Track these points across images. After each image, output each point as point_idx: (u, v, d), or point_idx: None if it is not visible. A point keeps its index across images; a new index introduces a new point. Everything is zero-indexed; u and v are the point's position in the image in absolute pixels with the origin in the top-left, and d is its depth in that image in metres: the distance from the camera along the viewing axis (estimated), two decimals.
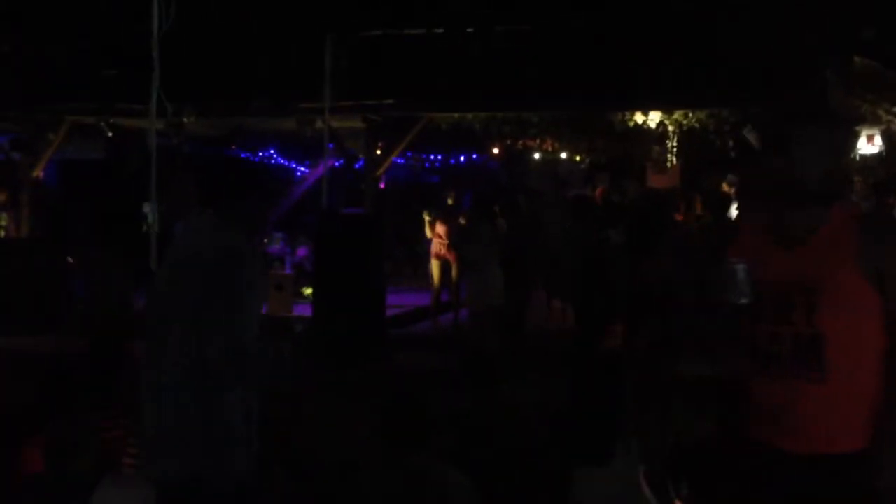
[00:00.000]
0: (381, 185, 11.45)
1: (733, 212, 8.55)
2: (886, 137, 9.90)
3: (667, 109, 10.67)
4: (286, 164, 15.54)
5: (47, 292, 10.26)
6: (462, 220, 10.30)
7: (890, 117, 9.51)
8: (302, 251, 12.30)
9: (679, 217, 9.00)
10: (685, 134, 11.38)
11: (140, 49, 9.17)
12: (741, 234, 2.39)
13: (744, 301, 2.16)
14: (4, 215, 11.00)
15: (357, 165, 12.96)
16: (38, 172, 10.98)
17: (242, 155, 13.65)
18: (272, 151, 14.79)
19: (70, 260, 10.79)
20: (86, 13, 9.61)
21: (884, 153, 10.02)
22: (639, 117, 10.97)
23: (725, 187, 10.02)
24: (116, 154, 12.20)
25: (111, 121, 10.56)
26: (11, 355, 8.60)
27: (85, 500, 2.69)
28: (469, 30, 9.65)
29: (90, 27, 9.92)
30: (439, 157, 15.57)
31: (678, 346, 4.97)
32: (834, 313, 2.14)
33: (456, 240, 9.85)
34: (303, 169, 15.65)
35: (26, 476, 3.27)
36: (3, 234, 11.00)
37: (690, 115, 10.92)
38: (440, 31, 9.59)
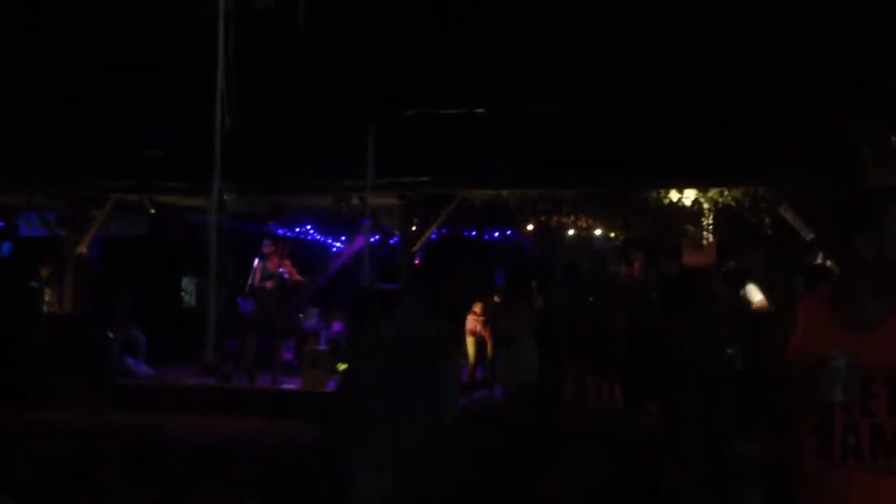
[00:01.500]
0: (416, 262, 11.52)
1: (749, 288, 8.45)
2: None
3: (702, 187, 10.69)
4: (322, 239, 15.75)
5: (88, 366, 10.40)
6: (496, 298, 10.30)
7: None
8: (337, 326, 12.34)
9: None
10: (721, 211, 11.35)
11: (180, 128, 9.47)
12: (804, 316, 2.29)
13: (843, 398, 2.04)
14: (48, 290, 11.23)
15: (392, 241, 13.08)
16: (83, 248, 11.22)
17: (279, 231, 13.87)
18: (308, 227, 15.02)
19: (110, 335, 10.95)
20: (127, 91, 9.97)
21: None
22: (674, 195, 10.99)
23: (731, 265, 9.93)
24: (158, 231, 12.48)
25: (153, 198, 10.83)
26: (51, 428, 8.68)
27: None
28: (503, 109, 9.82)
29: (133, 108, 10.27)
30: (473, 233, 15.67)
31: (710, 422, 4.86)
32: None
33: (491, 316, 9.83)
34: (338, 244, 15.83)
35: None
36: (46, 308, 11.20)
37: (726, 192, 10.92)
38: (478, 110, 9.77)
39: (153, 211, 11.02)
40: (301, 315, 12.25)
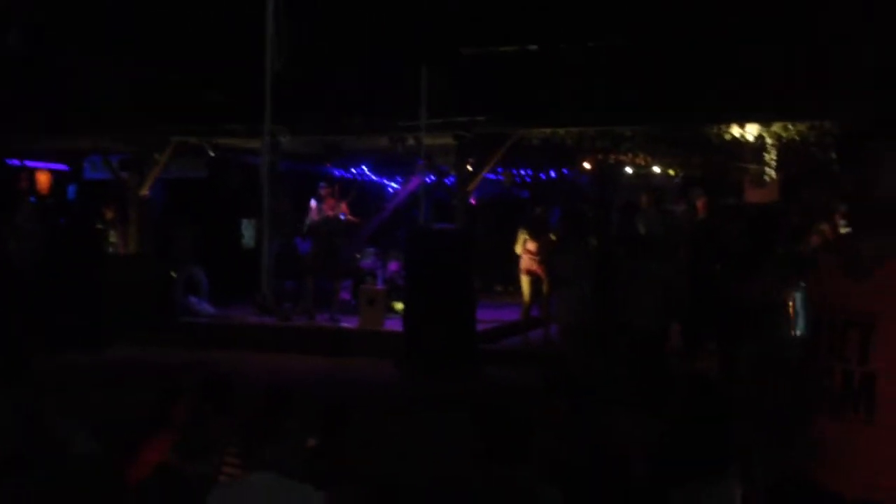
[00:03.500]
0: (472, 201, 11.51)
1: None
2: None
3: (765, 122, 10.39)
4: (378, 180, 15.81)
5: (154, 306, 10.73)
6: (552, 236, 10.26)
7: None
8: (393, 266, 12.46)
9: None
10: (784, 147, 11.04)
11: (240, 73, 9.50)
12: (822, 260, 2.26)
13: (795, 332, 2.08)
14: (113, 232, 11.54)
15: (448, 181, 13.07)
16: (145, 191, 11.47)
17: (336, 172, 13.95)
18: (364, 168, 15.08)
19: (173, 275, 11.25)
20: (189, 39, 10.04)
21: None
22: (735, 130, 10.71)
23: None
24: (217, 173, 12.67)
25: (213, 141, 10.97)
26: (123, 365, 9.03)
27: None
28: (561, 46, 9.63)
29: (193, 54, 10.35)
30: (529, 172, 15.55)
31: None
32: (888, 352, 1.98)
33: (546, 256, 9.81)
34: (394, 185, 15.89)
35: (155, 465, 3.46)
36: (111, 249, 11.54)
37: (790, 127, 10.60)
38: (534, 48, 9.60)
39: (213, 153, 11.17)
40: (358, 255, 12.39)
